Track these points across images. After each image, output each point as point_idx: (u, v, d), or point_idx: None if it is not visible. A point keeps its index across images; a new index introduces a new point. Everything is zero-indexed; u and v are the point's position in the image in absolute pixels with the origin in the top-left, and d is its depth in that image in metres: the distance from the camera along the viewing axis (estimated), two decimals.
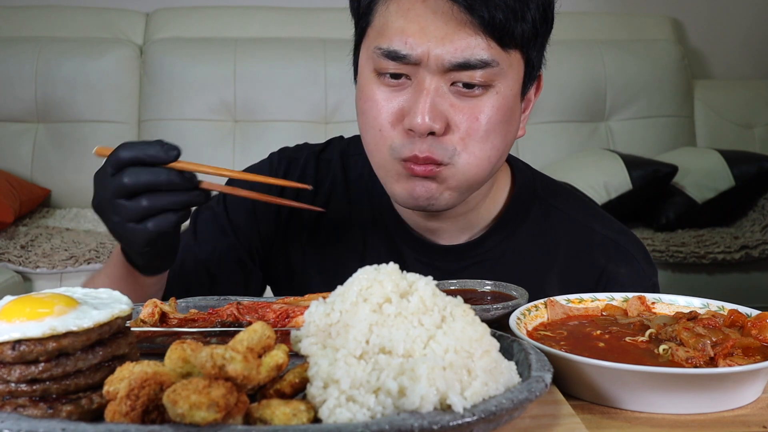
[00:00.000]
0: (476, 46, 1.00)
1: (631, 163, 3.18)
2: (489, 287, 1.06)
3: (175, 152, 0.91)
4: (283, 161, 1.29)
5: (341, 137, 1.35)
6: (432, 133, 1.03)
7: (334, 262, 1.24)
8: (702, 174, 3.22)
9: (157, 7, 3.68)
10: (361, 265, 0.74)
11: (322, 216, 1.25)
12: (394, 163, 1.07)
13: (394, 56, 1.03)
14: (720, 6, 4.05)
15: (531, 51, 1.07)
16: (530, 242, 1.22)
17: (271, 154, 1.32)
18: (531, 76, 1.10)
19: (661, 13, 3.96)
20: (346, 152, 1.30)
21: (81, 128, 3.42)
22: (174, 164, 0.91)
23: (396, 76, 1.04)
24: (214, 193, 1.00)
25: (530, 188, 1.24)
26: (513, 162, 1.27)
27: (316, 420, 0.64)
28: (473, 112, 1.04)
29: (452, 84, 1.03)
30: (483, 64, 1.01)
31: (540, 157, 3.41)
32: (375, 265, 0.74)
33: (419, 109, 1.02)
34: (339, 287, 0.73)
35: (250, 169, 1.29)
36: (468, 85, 1.03)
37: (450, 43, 1.00)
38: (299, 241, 1.26)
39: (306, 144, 1.34)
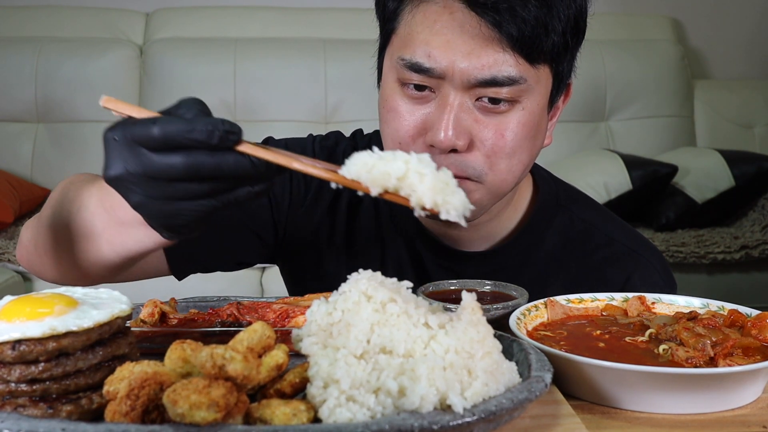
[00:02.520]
0: (504, 62, 0.98)
1: (631, 163, 3.18)
2: (489, 287, 1.06)
3: (235, 137, 0.72)
4: (324, 151, 1.26)
5: (362, 131, 1.32)
6: (454, 150, 1.01)
7: (359, 259, 1.22)
8: (702, 174, 3.22)
9: (157, 7, 3.67)
10: (381, 267, 0.74)
11: (354, 213, 1.24)
12: None
13: (417, 69, 1.00)
14: (720, 6, 4.05)
15: (561, 63, 1.04)
16: (552, 251, 1.20)
17: (313, 138, 1.28)
18: (560, 86, 1.08)
19: (661, 13, 3.96)
20: (368, 148, 1.27)
21: (81, 128, 3.42)
22: (244, 148, 0.73)
23: (420, 87, 1.02)
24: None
25: (553, 197, 1.23)
26: (534, 169, 1.25)
27: (316, 420, 0.64)
28: (499, 128, 1.01)
29: (477, 99, 1.00)
30: (510, 81, 0.99)
31: (540, 157, 3.40)
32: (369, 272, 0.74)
33: (442, 125, 0.99)
34: (342, 285, 0.73)
35: (290, 141, 1.27)
36: (494, 100, 1.00)
37: (476, 59, 0.97)
38: (332, 240, 1.24)
39: (340, 134, 1.31)
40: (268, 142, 1.27)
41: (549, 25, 0.98)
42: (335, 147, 1.27)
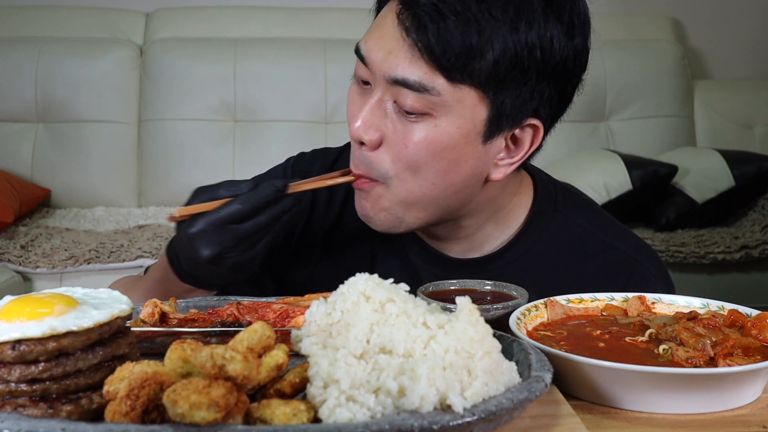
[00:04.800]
0: (418, 69, 0.99)
1: (631, 163, 3.18)
2: (489, 287, 1.06)
3: (286, 187, 1.00)
4: (297, 176, 1.27)
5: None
6: (364, 144, 1.04)
7: (344, 274, 1.22)
8: (702, 174, 3.22)
9: (157, 7, 3.67)
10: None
11: (334, 230, 1.25)
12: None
13: (357, 54, 1.06)
14: (720, 6, 4.05)
15: (494, 93, 1.01)
16: (549, 257, 1.19)
17: (288, 162, 1.31)
18: (499, 121, 1.03)
19: (661, 13, 3.96)
20: None
21: (81, 128, 3.41)
22: (294, 188, 1.02)
23: (365, 82, 1.06)
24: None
25: (551, 203, 1.22)
26: (536, 174, 1.24)
27: (316, 420, 0.64)
28: (405, 136, 1.02)
29: (395, 102, 1.02)
30: (422, 88, 0.99)
31: (540, 157, 3.38)
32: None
33: (358, 116, 1.04)
34: (341, 286, 0.73)
35: (269, 173, 1.31)
36: (405, 111, 1.01)
37: (394, 58, 1.00)
38: (311, 258, 1.25)
39: (321, 152, 1.33)
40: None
41: (475, 50, 0.97)
42: (309, 168, 1.29)
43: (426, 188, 1.05)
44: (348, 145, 1.32)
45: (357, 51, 1.06)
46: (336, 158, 1.30)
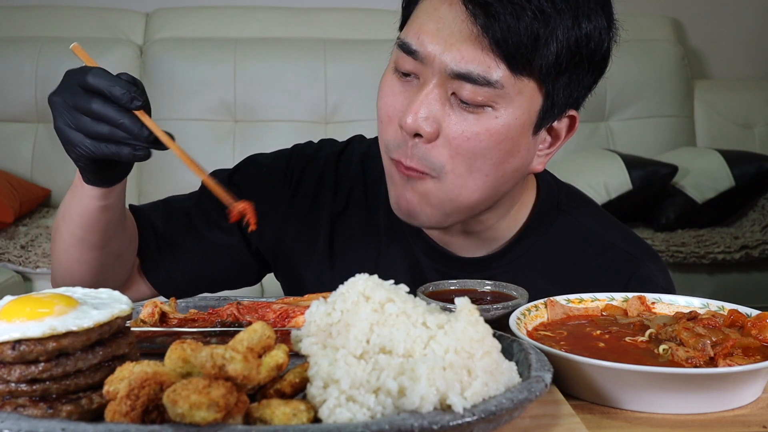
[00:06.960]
0: (482, 62, 0.98)
1: (631, 163, 3.18)
2: (489, 287, 1.06)
3: (138, 103, 0.94)
4: (303, 159, 1.28)
5: (362, 137, 1.33)
6: (420, 136, 1.01)
7: (347, 268, 1.22)
8: (702, 174, 3.22)
9: (157, 7, 3.67)
10: (376, 272, 0.74)
11: (339, 222, 1.24)
12: (387, 160, 1.08)
13: (406, 50, 1.02)
14: (720, 6, 4.05)
15: (552, 84, 1.02)
16: (552, 256, 1.19)
17: (295, 147, 1.31)
18: (551, 111, 1.05)
19: (661, 13, 3.96)
20: (367, 153, 1.28)
21: None
22: (141, 116, 0.95)
23: (408, 74, 1.04)
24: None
25: (554, 201, 1.22)
26: (539, 173, 1.23)
27: (316, 420, 0.64)
28: (466, 128, 1.01)
29: (453, 94, 1.01)
30: (485, 82, 0.98)
31: None
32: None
33: (412, 108, 1.01)
34: (341, 287, 0.73)
35: (275, 155, 1.31)
36: (465, 102, 1.00)
37: (457, 51, 0.99)
38: (313, 250, 1.25)
39: (329, 141, 1.32)
40: (256, 160, 1.33)
41: (541, 41, 0.97)
42: (316, 153, 1.29)
43: (479, 181, 1.05)
44: (353, 138, 1.32)
45: (404, 45, 1.03)
46: (342, 149, 1.30)
